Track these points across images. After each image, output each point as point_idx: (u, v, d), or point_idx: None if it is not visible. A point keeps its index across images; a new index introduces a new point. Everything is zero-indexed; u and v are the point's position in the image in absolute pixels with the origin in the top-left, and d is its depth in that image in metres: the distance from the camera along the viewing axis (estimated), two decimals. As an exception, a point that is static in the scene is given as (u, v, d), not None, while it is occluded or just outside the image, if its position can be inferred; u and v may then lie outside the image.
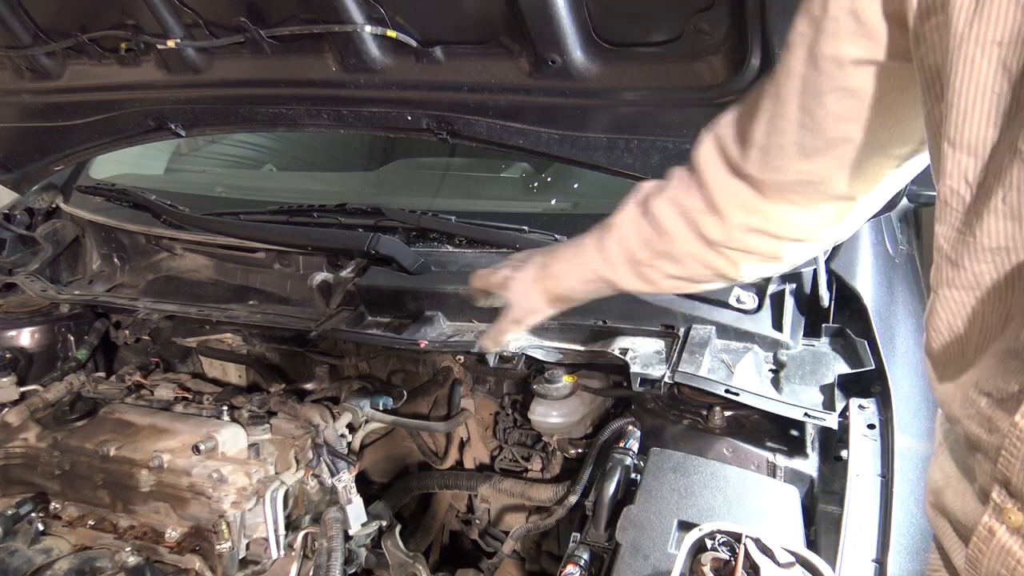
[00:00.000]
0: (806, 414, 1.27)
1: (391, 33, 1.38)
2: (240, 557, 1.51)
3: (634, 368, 1.40)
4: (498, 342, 1.29)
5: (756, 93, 0.86)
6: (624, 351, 1.46)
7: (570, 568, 1.18)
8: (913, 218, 1.96)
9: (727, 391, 1.30)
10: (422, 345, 1.59)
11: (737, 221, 0.93)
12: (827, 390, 1.34)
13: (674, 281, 1.04)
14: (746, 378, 1.37)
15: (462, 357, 1.82)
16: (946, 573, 0.78)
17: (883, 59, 0.73)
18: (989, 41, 0.59)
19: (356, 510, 1.55)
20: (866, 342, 1.41)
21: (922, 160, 0.85)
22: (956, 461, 0.74)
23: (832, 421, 1.26)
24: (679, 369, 1.36)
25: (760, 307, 1.48)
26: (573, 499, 1.46)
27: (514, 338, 1.25)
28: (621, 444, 1.39)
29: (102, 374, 2.00)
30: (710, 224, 0.95)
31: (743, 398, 1.30)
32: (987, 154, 0.62)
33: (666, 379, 1.36)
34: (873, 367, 1.35)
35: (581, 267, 1.10)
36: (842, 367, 1.39)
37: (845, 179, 0.84)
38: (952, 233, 0.66)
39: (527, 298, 1.19)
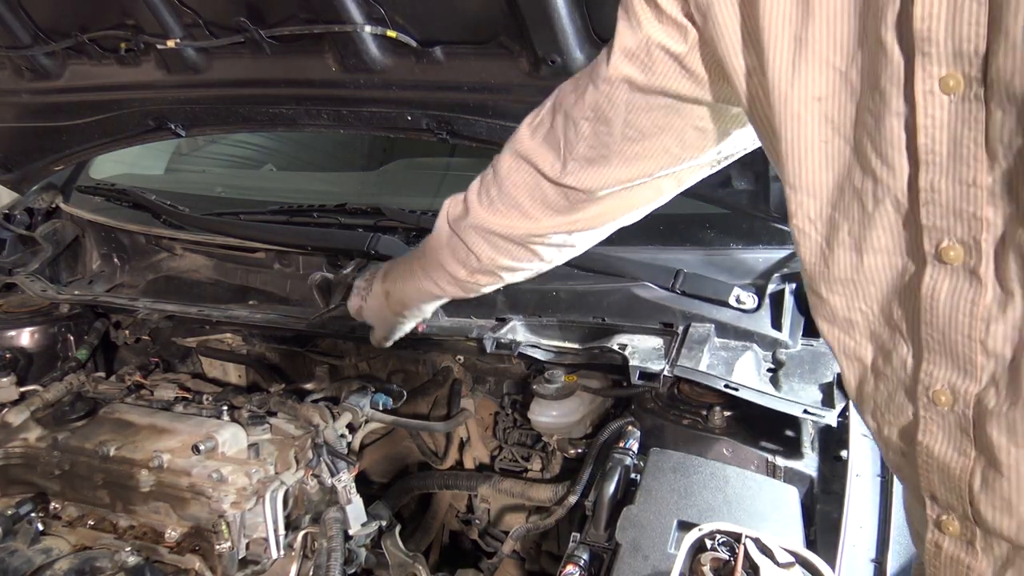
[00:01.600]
0: (805, 410, 1.27)
1: (391, 33, 1.38)
2: (240, 557, 1.51)
3: (633, 362, 1.40)
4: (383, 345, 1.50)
5: (563, 111, 0.90)
6: (623, 346, 1.46)
7: (570, 568, 1.18)
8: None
9: (726, 386, 1.30)
10: (420, 329, 1.59)
11: (540, 223, 1.01)
12: (826, 389, 1.34)
13: (492, 286, 1.18)
14: (745, 377, 1.37)
15: (462, 357, 1.82)
16: None
17: (709, 100, 0.79)
18: (809, 97, 0.64)
19: (356, 510, 1.55)
20: None
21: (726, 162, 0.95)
22: (908, 483, 0.76)
23: (831, 418, 1.26)
24: (678, 364, 1.36)
25: (759, 306, 1.48)
26: (573, 499, 1.46)
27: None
28: (621, 444, 1.39)
29: (102, 374, 2.00)
30: (517, 228, 1.03)
31: (742, 393, 1.30)
32: (826, 194, 0.66)
33: (665, 372, 1.36)
34: None
35: (419, 292, 1.26)
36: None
37: (657, 182, 0.94)
38: (810, 267, 0.71)
39: (383, 323, 1.43)
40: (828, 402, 1.30)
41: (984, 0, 0.51)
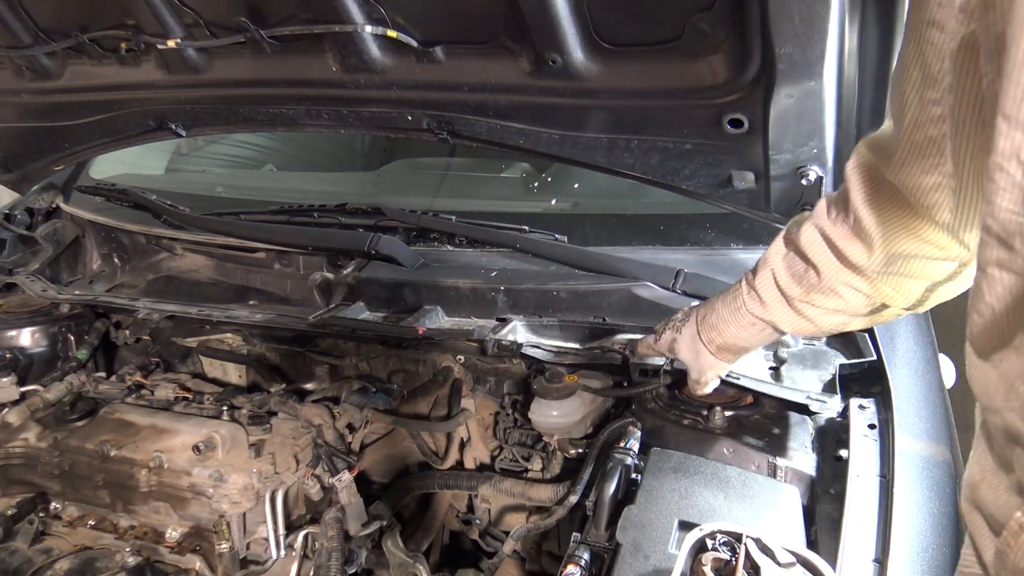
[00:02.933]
0: (808, 397, 1.27)
1: (391, 33, 1.37)
2: (240, 557, 1.51)
3: (633, 359, 1.40)
4: (694, 390, 1.30)
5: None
6: (623, 346, 1.46)
7: (570, 568, 1.17)
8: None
9: (728, 375, 1.30)
10: (421, 332, 1.59)
11: (885, 238, 0.86)
12: (828, 385, 1.34)
13: (834, 315, 0.99)
14: (746, 372, 1.37)
15: (462, 357, 1.82)
16: (979, 569, 0.76)
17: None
18: None
19: (356, 510, 1.55)
20: (866, 335, 1.41)
21: None
22: (993, 453, 0.71)
23: (834, 405, 1.26)
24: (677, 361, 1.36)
25: None
26: (573, 499, 1.46)
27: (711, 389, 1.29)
28: (621, 444, 1.39)
29: (102, 374, 2.00)
30: (855, 249, 0.89)
31: (743, 383, 1.30)
32: None
33: (665, 367, 1.36)
34: (874, 357, 1.35)
35: (737, 313, 1.09)
36: (842, 362, 1.39)
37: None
38: (1002, 213, 0.62)
39: (697, 359, 1.20)
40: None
41: None
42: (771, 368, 1.43)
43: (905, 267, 0.89)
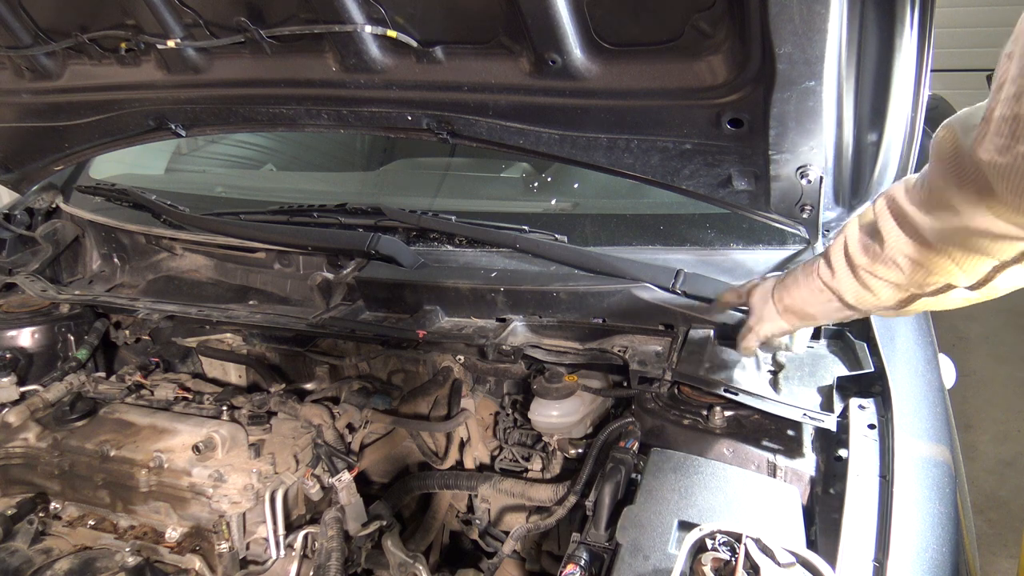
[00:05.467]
0: (805, 415, 1.27)
1: (391, 33, 1.37)
2: (240, 557, 1.51)
3: (633, 366, 1.40)
4: (745, 350, 1.32)
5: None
6: (623, 349, 1.46)
7: (570, 568, 1.17)
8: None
9: (726, 390, 1.31)
10: (421, 335, 1.59)
11: (957, 210, 0.85)
12: (825, 392, 1.34)
13: (896, 290, 0.99)
14: (745, 379, 1.37)
15: (462, 357, 1.82)
16: None
17: None
18: None
19: (356, 510, 1.55)
20: (865, 344, 1.41)
21: None
22: None
23: (830, 422, 1.26)
24: (678, 368, 1.36)
25: None
26: (573, 499, 1.46)
27: (756, 345, 1.30)
28: (621, 444, 1.39)
29: (102, 374, 2.01)
30: (924, 220, 0.89)
31: (742, 398, 1.30)
32: None
33: (665, 377, 1.36)
34: (872, 370, 1.35)
35: (809, 276, 1.12)
36: (841, 369, 1.39)
37: None
38: None
39: (763, 307, 1.24)
40: (827, 405, 1.31)
41: None
42: (770, 371, 1.43)
43: (973, 242, 0.87)
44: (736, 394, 1.30)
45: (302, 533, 1.55)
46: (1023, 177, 0.75)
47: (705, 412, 1.41)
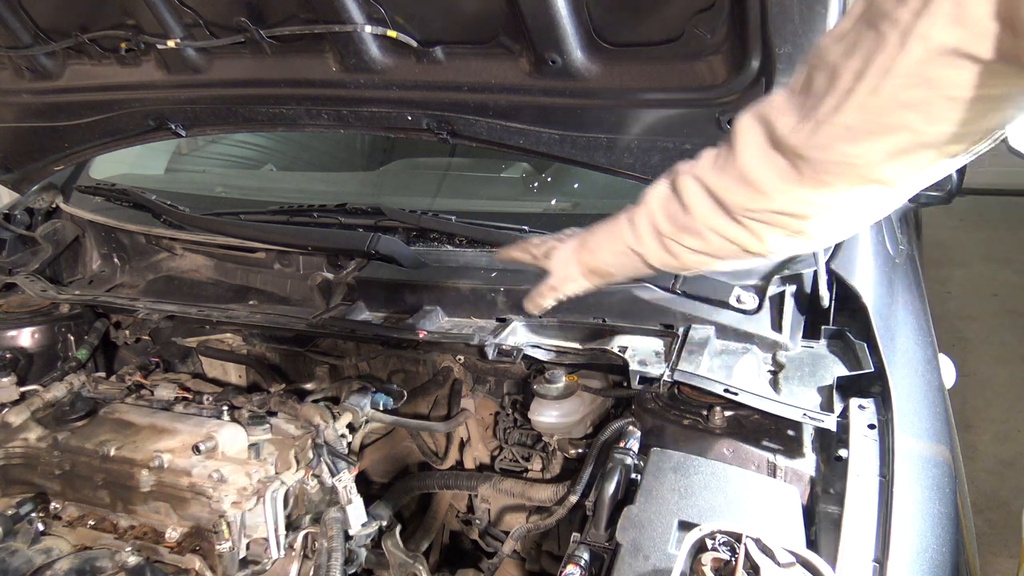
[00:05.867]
0: (805, 415, 1.27)
1: (391, 33, 1.38)
2: (240, 557, 1.51)
3: (633, 366, 1.40)
4: (537, 306, 1.31)
5: (829, 64, 0.81)
6: (623, 349, 1.46)
7: (570, 568, 1.18)
8: (913, 218, 1.95)
9: (726, 390, 1.31)
10: (421, 335, 1.59)
11: (764, 193, 0.92)
12: (825, 392, 1.34)
13: (697, 255, 1.05)
14: (745, 379, 1.37)
15: (462, 357, 1.82)
16: None
17: (974, 53, 0.70)
18: None
19: (356, 510, 1.55)
20: (865, 344, 1.41)
21: (968, 158, 0.83)
22: None
23: (830, 422, 1.26)
24: (678, 368, 1.36)
25: (760, 308, 1.48)
26: (573, 499, 1.46)
27: (552, 304, 1.30)
28: (621, 444, 1.39)
29: (102, 374, 2.00)
30: (736, 195, 0.94)
31: (742, 398, 1.30)
32: None
33: (665, 377, 1.36)
34: (872, 370, 1.35)
35: (613, 239, 1.13)
36: (841, 369, 1.39)
37: (888, 166, 0.83)
38: None
39: (565, 267, 1.23)
40: (827, 405, 1.31)
41: None
42: (769, 372, 1.43)
43: (777, 219, 0.95)
44: (736, 394, 1.30)
45: (302, 533, 1.55)
46: (853, 173, 0.84)
47: (705, 412, 1.41)
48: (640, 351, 1.47)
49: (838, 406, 1.30)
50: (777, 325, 1.48)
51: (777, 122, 0.88)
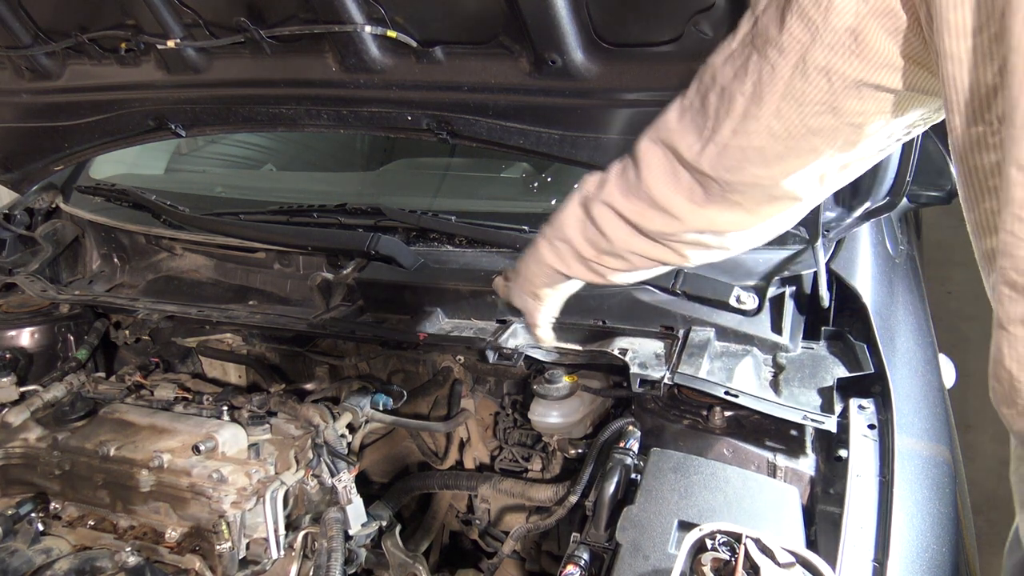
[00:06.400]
0: (805, 417, 1.27)
1: (391, 33, 1.37)
2: (240, 557, 1.51)
3: (633, 369, 1.40)
4: (540, 339, 1.35)
5: (719, 86, 0.83)
6: (623, 351, 1.46)
7: (570, 568, 1.18)
8: (913, 218, 1.95)
9: (727, 393, 1.31)
10: (422, 337, 1.59)
11: (678, 218, 0.94)
12: (826, 393, 1.34)
13: (622, 273, 1.09)
14: (745, 381, 1.37)
15: (462, 357, 1.82)
16: None
17: (875, 82, 0.72)
18: None
19: (356, 510, 1.55)
20: (865, 346, 1.41)
21: (864, 167, 0.86)
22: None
23: (831, 424, 1.26)
24: (678, 371, 1.36)
25: (760, 309, 1.48)
26: (573, 499, 1.46)
27: (548, 335, 1.34)
28: (621, 444, 1.39)
29: (102, 374, 2.00)
30: (651, 221, 0.97)
31: (742, 400, 1.30)
32: None
33: (665, 380, 1.36)
34: (872, 371, 1.35)
35: (540, 264, 1.16)
36: (841, 371, 1.39)
37: (795, 184, 0.85)
38: None
39: (521, 300, 1.28)
40: (828, 407, 1.31)
41: None
42: (771, 371, 1.43)
43: (693, 238, 0.98)
44: (737, 397, 1.30)
45: (302, 533, 1.55)
46: (763, 192, 0.87)
47: (705, 412, 1.41)
48: (640, 353, 1.47)
49: (838, 406, 1.30)
50: (777, 326, 1.48)
51: (680, 145, 0.89)
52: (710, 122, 0.85)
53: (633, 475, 1.33)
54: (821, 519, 1.21)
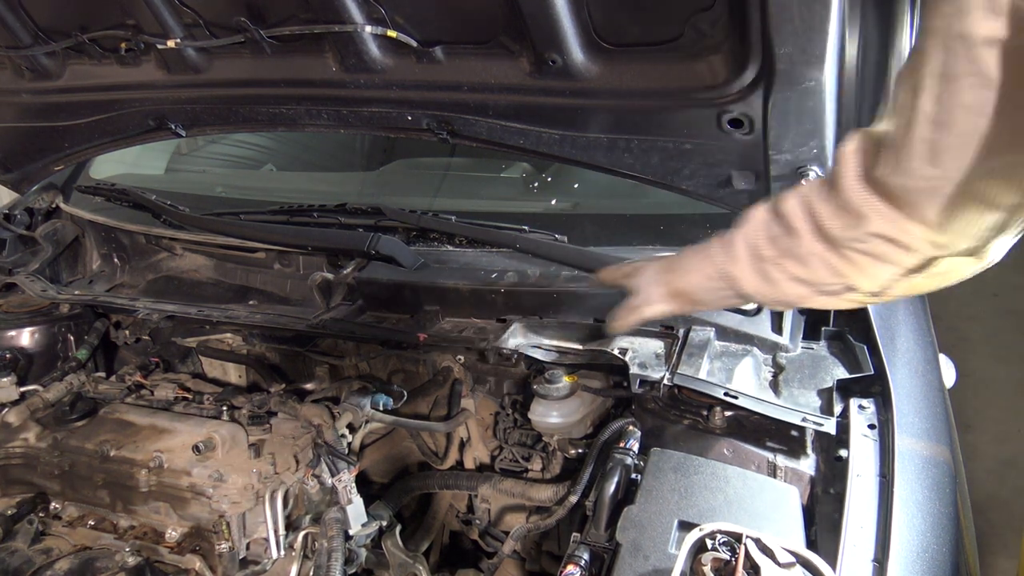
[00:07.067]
0: (804, 419, 1.27)
1: (391, 33, 1.38)
2: (240, 557, 1.51)
3: (633, 369, 1.40)
4: (618, 327, 1.29)
5: (895, 87, 0.80)
6: (623, 351, 1.46)
7: (570, 568, 1.18)
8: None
9: (726, 394, 1.31)
10: (422, 338, 1.59)
11: (865, 219, 0.88)
12: (825, 394, 1.34)
13: (797, 284, 1.01)
14: (745, 381, 1.37)
15: (462, 357, 1.82)
16: None
17: (1014, 40, 0.69)
18: None
19: (356, 510, 1.55)
20: (865, 346, 1.41)
21: None
22: None
23: (830, 427, 1.26)
24: (678, 371, 1.36)
25: (760, 309, 1.48)
26: (573, 499, 1.46)
27: (633, 325, 1.26)
28: (621, 444, 1.39)
29: (102, 374, 2.01)
30: (834, 223, 0.91)
31: (742, 402, 1.30)
32: None
33: (665, 381, 1.36)
34: (872, 372, 1.35)
35: (704, 261, 1.09)
36: (841, 371, 1.39)
37: (980, 180, 0.78)
38: None
39: (648, 287, 1.20)
40: (828, 408, 1.31)
41: None
42: (771, 372, 1.43)
43: (883, 251, 0.90)
44: (736, 398, 1.30)
45: (302, 533, 1.55)
46: (942, 198, 0.80)
47: (705, 412, 1.41)
48: (640, 353, 1.47)
49: (838, 407, 1.30)
50: (777, 327, 1.48)
51: (867, 150, 0.86)
52: (883, 124, 0.82)
53: (633, 475, 1.33)
54: (821, 519, 1.21)
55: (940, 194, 0.81)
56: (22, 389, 1.83)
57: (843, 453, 1.24)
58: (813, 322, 1.51)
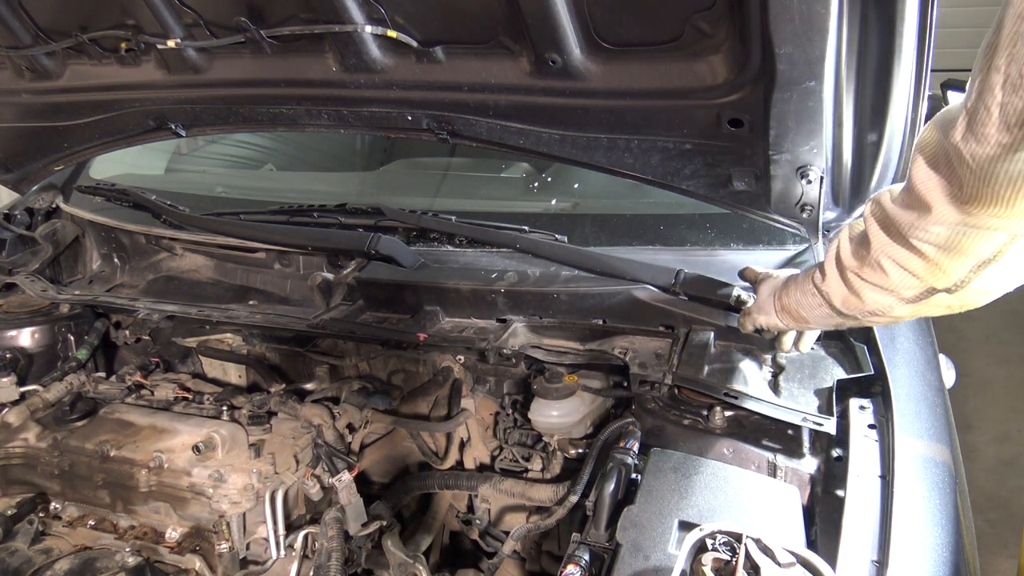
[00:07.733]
0: (804, 419, 1.27)
1: (391, 33, 1.37)
2: (240, 557, 1.51)
3: (633, 369, 1.40)
4: (742, 327, 1.36)
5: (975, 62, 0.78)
6: (624, 351, 1.46)
7: (570, 568, 1.18)
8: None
9: (726, 394, 1.31)
10: (422, 338, 1.59)
11: (935, 209, 0.87)
12: (825, 394, 1.34)
13: (879, 293, 1.02)
14: (745, 381, 1.37)
15: (462, 357, 1.82)
16: None
17: None
18: None
19: (356, 510, 1.55)
20: (865, 346, 1.41)
21: None
22: None
23: (830, 427, 1.26)
24: (678, 371, 1.36)
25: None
26: (573, 499, 1.46)
27: (751, 329, 1.34)
28: (621, 444, 1.39)
29: (102, 374, 2.01)
30: (905, 219, 0.91)
31: (742, 401, 1.30)
32: None
33: (665, 381, 1.36)
34: (872, 372, 1.35)
35: (805, 277, 1.16)
36: (840, 371, 1.39)
37: None
38: None
39: (765, 299, 1.29)
40: (827, 408, 1.31)
41: None
42: (771, 372, 1.43)
43: (950, 239, 0.89)
44: (736, 398, 1.30)
45: (302, 533, 1.55)
46: (1003, 169, 0.77)
47: (705, 412, 1.41)
48: (640, 353, 1.47)
49: (838, 407, 1.30)
50: (777, 326, 1.48)
51: (944, 123, 0.85)
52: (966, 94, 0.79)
53: (633, 475, 1.33)
54: (821, 519, 1.21)
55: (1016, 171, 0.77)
56: (22, 389, 1.83)
57: (843, 453, 1.24)
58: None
